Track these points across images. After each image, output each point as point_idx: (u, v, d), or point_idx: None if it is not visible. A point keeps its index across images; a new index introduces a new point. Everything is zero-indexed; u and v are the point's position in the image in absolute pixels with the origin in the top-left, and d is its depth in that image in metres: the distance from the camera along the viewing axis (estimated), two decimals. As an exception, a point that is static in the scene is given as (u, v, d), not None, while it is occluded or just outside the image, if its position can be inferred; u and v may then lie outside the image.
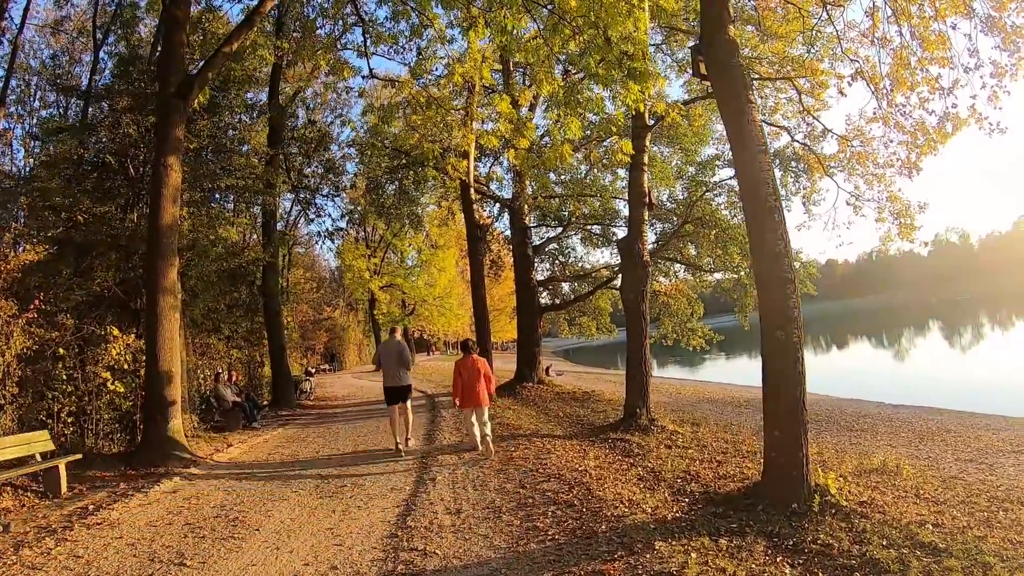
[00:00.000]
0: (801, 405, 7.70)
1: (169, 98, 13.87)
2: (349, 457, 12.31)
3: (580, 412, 17.28)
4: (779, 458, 7.71)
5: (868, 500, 7.59)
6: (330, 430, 16.43)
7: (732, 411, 18.90)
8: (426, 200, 29.88)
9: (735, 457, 10.85)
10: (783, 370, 7.75)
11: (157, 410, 12.80)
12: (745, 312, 23.25)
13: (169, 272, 13.40)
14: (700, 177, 22.08)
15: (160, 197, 13.43)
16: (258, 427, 17.49)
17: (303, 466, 11.71)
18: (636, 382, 13.66)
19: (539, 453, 11.24)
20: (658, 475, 9.47)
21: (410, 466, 10.96)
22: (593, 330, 28.42)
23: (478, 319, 20.61)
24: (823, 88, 15.47)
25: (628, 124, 15.11)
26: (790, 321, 7.77)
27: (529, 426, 14.66)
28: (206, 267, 18.42)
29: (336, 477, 10.41)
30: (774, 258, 7.90)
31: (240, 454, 13.60)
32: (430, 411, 18.43)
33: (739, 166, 8.53)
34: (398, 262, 51.44)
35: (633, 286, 13.90)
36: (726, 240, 21.03)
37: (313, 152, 26.17)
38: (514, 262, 25.17)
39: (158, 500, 9.68)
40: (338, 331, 57.19)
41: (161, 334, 13.02)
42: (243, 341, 23.51)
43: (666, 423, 13.54)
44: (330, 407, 22.91)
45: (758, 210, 8.07)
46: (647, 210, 14.42)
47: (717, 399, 22.26)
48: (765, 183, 8.10)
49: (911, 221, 16.05)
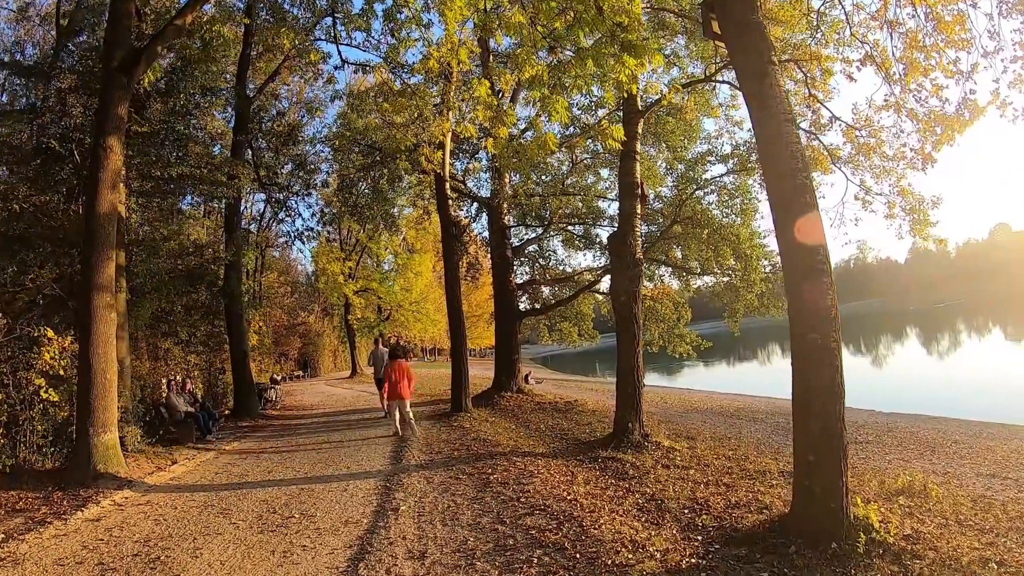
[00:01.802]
0: (840, 423, 6.45)
1: (112, 72, 12.37)
2: (304, 479, 10.78)
3: (563, 425, 15.90)
4: (813, 487, 6.44)
5: (912, 533, 6.41)
6: (289, 445, 14.93)
7: (724, 422, 17.65)
8: (402, 202, 28.71)
9: (743, 479, 9.56)
10: (818, 380, 6.47)
11: (89, 422, 11.23)
12: (736, 318, 22.07)
13: (105, 267, 11.85)
14: (690, 174, 20.76)
15: (97, 182, 11.91)
16: (213, 440, 15.98)
17: (250, 489, 10.20)
18: (628, 394, 12.26)
19: (520, 476, 9.76)
20: (661, 505, 8.06)
21: (370, 491, 9.50)
22: (575, 336, 27.13)
23: (453, 322, 19.14)
24: (828, 75, 14.28)
25: (619, 109, 13.95)
26: (826, 321, 6.48)
27: (508, 442, 13.14)
28: (156, 264, 16.85)
29: (284, 505, 8.93)
30: (806, 246, 6.60)
31: (184, 473, 12.08)
32: (411, 432, 16.95)
33: (762, 139, 7.20)
34: (374, 266, 50.07)
35: (624, 286, 12.52)
36: (718, 240, 19.83)
37: (282, 147, 24.74)
38: (492, 264, 23.96)
39: (76, 530, 8.25)
40: (313, 337, 55.89)
41: (95, 336, 11.48)
42: (202, 346, 21.91)
43: (661, 438, 12.18)
44: (296, 417, 21.37)
45: (785, 189, 6.77)
46: (640, 203, 13.08)
47: (705, 408, 20.99)
48: (793, 157, 6.81)
49: (925, 217, 14.86)
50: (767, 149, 7.06)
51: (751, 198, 20.39)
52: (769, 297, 20.64)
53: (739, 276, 20.27)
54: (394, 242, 44.92)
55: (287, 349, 52.25)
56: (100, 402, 11.35)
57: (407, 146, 16.86)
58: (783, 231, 6.82)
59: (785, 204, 6.77)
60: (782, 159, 6.82)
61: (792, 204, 6.70)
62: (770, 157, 6.99)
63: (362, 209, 24.48)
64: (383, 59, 15.23)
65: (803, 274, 6.64)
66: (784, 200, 6.78)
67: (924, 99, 12.64)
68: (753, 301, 20.62)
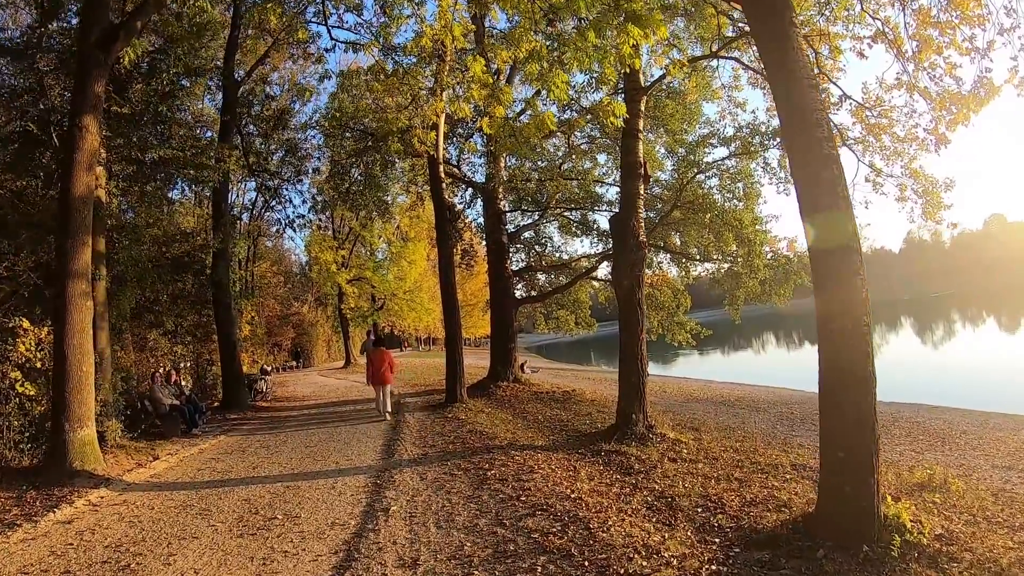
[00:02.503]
0: (873, 416, 5.91)
1: (89, 49, 11.74)
2: (289, 476, 10.16)
3: (562, 415, 15.31)
4: (842, 485, 5.91)
5: (944, 532, 5.93)
6: (277, 438, 14.31)
7: (726, 411, 17.23)
8: (395, 189, 28.13)
9: (755, 473, 9.04)
10: (848, 370, 5.93)
11: (64, 417, 10.65)
12: (737, 305, 21.53)
13: (80, 253, 11.22)
14: (691, 157, 20.15)
15: (73, 164, 11.28)
16: (199, 434, 15.42)
17: (232, 487, 9.60)
18: (631, 383, 11.65)
19: (519, 471, 9.14)
20: (672, 503, 7.47)
21: (360, 488, 8.92)
22: (572, 325, 26.64)
23: (447, 309, 18.49)
24: (837, 53, 13.73)
25: (618, 93, 13.42)
26: (856, 304, 5.93)
27: (505, 435, 12.49)
28: (139, 252, 16.18)
29: (267, 505, 8.33)
30: (833, 221, 6.05)
31: (165, 470, 11.48)
32: (393, 415, 16.40)
33: (785, 108, 6.59)
34: (367, 255, 49.47)
35: (627, 271, 11.91)
36: (720, 225, 19.27)
37: (272, 132, 24.07)
38: (488, 250, 23.40)
39: (46, 534, 7.72)
40: (306, 327, 55.27)
41: (69, 326, 10.87)
42: (189, 336, 21.31)
43: (666, 430, 11.60)
44: (287, 409, 20.75)
45: (812, 161, 6.20)
46: (643, 183, 12.50)
47: (705, 398, 20.58)
48: (819, 125, 6.25)
49: (937, 199, 14.34)
50: (791, 118, 6.47)
51: (753, 182, 19.90)
52: (771, 284, 20.13)
53: (742, 262, 19.70)
54: (388, 230, 44.31)
55: (280, 339, 51.68)
56: (76, 396, 10.77)
57: (399, 128, 16.24)
58: (809, 206, 6.26)
59: (811, 177, 6.21)
60: (808, 128, 6.25)
61: (819, 177, 6.13)
62: (794, 126, 6.41)
63: (354, 196, 23.82)
64: (374, 37, 14.66)
65: (830, 253, 6.08)
66: (810, 173, 6.21)
67: (938, 77, 12.16)
68: (755, 288, 20.09)
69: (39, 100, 14.87)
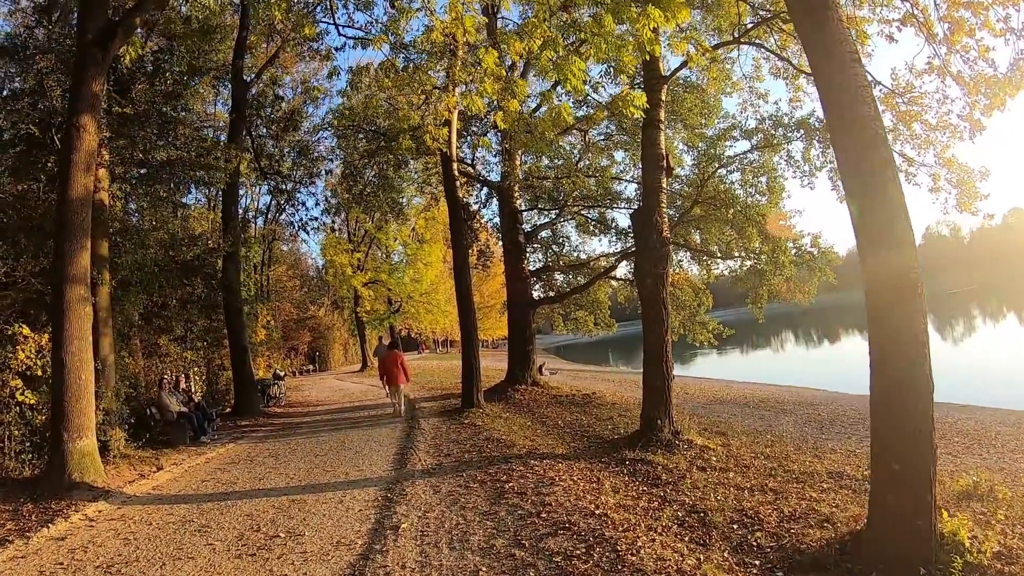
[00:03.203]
0: (930, 424, 5.31)
1: (87, 46, 11.30)
2: (296, 488, 9.62)
3: (583, 420, 14.75)
4: (896, 500, 5.34)
5: (1003, 550, 5.37)
6: (287, 446, 13.79)
7: (751, 414, 16.62)
8: (410, 192, 27.76)
9: (790, 483, 8.46)
10: (904, 372, 5.35)
11: (63, 427, 10.20)
12: (760, 303, 20.86)
13: (79, 257, 10.78)
14: (712, 151, 19.51)
15: (70, 165, 10.85)
16: (207, 441, 14.95)
17: (236, 501, 9.08)
18: (656, 387, 11.07)
19: (539, 484, 8.55)
20: (704, 518, 6.88)
21: (369, 503, 8.36)
22: (591, 325, 26.00)
23: (462, 311, 17.87)
24: (864, 38, 13.09)
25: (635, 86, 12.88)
26: (912, 299, 5.35)
27: (524, 443, 11.90)
28: (144, 255, 15.75)
29: (270, 522, 7.79)
30: (883, 207, 5.46)
31: (168, 481, 10.99)
32: (407, 421, 15.87)
33: (826, 86, 5.99)
34: (383, 258, 49.20)
35: (650, 268, 11.32)
36: (742, 221, 18.63)
37: (282, 133, 23.69)
38: (504, 250, 22.86)
39: (37, 551, 7.27)
40: (323, 330, 55.17)
41: (67, 333, 10.42)
42: (199, 341, 20.85)
43: (692, 436, 11.00)
44: (299, 415, 20.30)
45: (857, 142, 5.63)
46: (665, 176, 11.92)
47: (728, 399, 19.92)
48: (864, 103, 5.67)
49: (972, 189, 13.64)
50: (833, 96, 5.88)
51: (776, 176, 19.23)
52: (796, 281, 19.51)
53: (767, 259, 19.03)
54: (403, 232, 44.17)
55: (297, 343, 51.56)
56: (75, 405, 10.32)
57: (411, 125, 15.75)
58: (856, 191, 5.68)
59: (856, 159, 5.63)
60: (853, 107, 5.67)
61: (865, 158, 5.55)
62: (837, 105, 5.82)
63: (368, 197, 23.46)
64: (383, 32, 14.21)
65: (881, 243, 5.49)
66: (856, 155, 5.63)
67: (972, 60, 11.56)
68: (780, 285, 19.44)
69: (39, 102, 14.49)
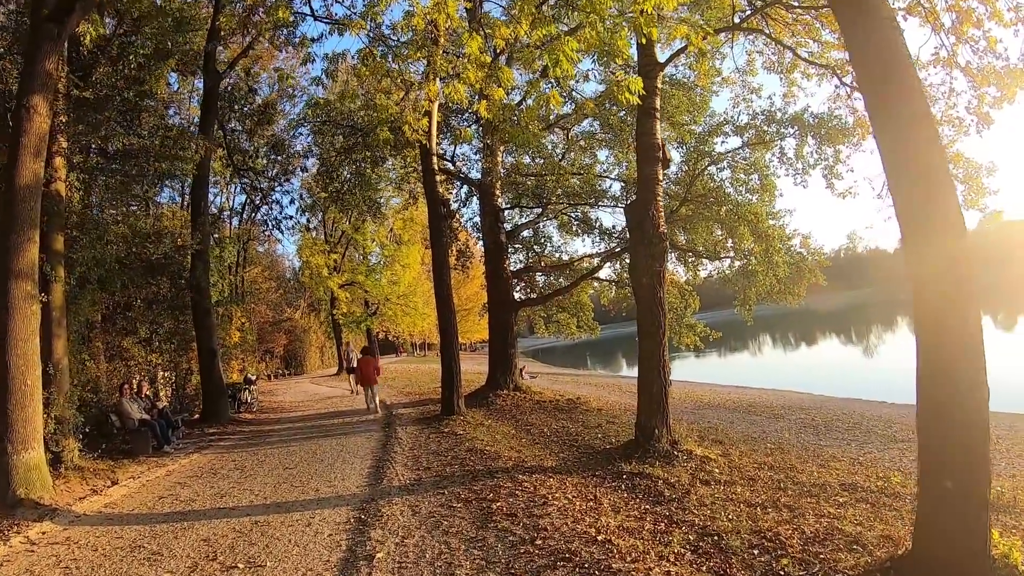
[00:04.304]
0: (987, 436, 4.65)
1: (40, 21, 10.42)
2: (261, 507, 8.72)
3: (570, 428, 13.96)
4: (948, 521, 4.67)
5: None
6: (255, 457, 12.83)
7: (743, 419, 16.11)
8: (388, 192, 27.03)
9: (803, 497, 7.82)
10: (960, 379, 4.68)
11: (7, 439, 9.26)
12: (749, 305, 20.28)
13: (27, 250, 9.86)
14: (703, 148, 18.87)
15: (19, 148, 9.92)
16: (171, 451, 13.99)
17: (193, 522, 8.12)
18: (652, 394, 10.30)
19: (530, 503, 7.68)
20: (720, 543, 6.10)
21: (340, 526, 7.44)
22: (573, 328, 25.37)
23: (442, 313, 16.98)
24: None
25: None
26: (966, 295, 4.66)
27: (509, 454, 11.04)
28: (103, 251, 14.75)
29: (229, 548, 6.87)
30: (932, 190, 4.79)
31: (123, 497, 10.03)
32: (384, 429, 14.98)
33: (860, 59, 5.37)
34: (360, 259, 48.21)
35: (647, 265, 10.58)
36: (734, 220, 18.00)
37: (256, 127, 22.74)
38: (485, 250, 22.10)
39: (-35, 582, 6.33)
40: (299, 333, 54.10)
41: (12, 334, 9.48)
42: (164, 344, 19.80)
43: (691, 445, 10.27)
44: (271, 421, 19.31)
45: (901, 115, 4.96)
46: (661, 167, 11.21)
47: (716, 404, 19.43)
48: (905, 68, 4.98)
49: (980, 185, 13.11)
50: (866, 62, 5.19)
51: (769, 174, 18.64)
52: (786, 282, 18.94)
53: (759, 259, 18.42)
54: (380, 233, 43.43)
55: (272, 346, 50.47)
56: (19, 413, 9.38)
57: (389, 114, 14.93)
58: (900, 172, 4.99)
59: (901, 138, 4.94)
60: (889, 72, 4.99)
61: (910, 135, 4.88)
62: (869, 71, 5.14)
63: (344, 196, 22.63)
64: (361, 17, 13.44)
65: (932, 231, 4.81)
66: (900, 132, 4.95)
67: (981, 51, 11.03)
68: (773, 286, 18.83)
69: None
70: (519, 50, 15.39)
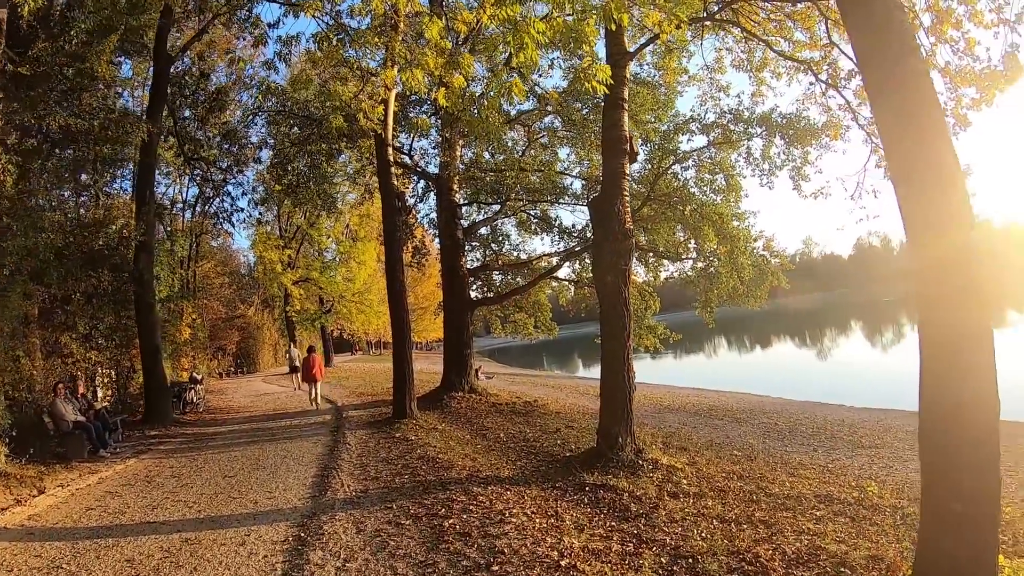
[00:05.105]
0: (998, 452, 4.30)
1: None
2: (193, 521, 7.98)
3: (527, 433, 13.39)
4: (955, 545, 4.31)
5: None
6: (195, 463, 12.02)
7: (705, 424, 15.83)
8: (344, 188, 26.30)
9: (779, 511, 7.43)
10: (969, 391, 4.28)
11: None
12: (710, 307, 19.91)
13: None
14: (668, 146, 18.42)
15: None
16: (107, 456, 13.13)
17: (119, 539, 7.35)
18: (616, 399, 9.76)
19: (486, 520, 7.03)
20: (695, 566, 5.53)
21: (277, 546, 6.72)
22: (530, 328, 24.70)
23: (394, 310, 16.16)
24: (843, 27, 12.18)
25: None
26: (976, 296, 4.29)
27: (464, 462, 10.37)
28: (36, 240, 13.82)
29: (153, 571, 6.10)
30: (939, 180, 4.40)
31: (49, 508, 9.18)
32: (332, 433, 14.24)
33: (861, 45, 4.92)
34: (315, 255, 47.36)
35: (611, 263, 10.02)
36: (698, 220, 17.58)
37: (208, 115, 21.87)
38: (441, 247, 21.57)
39: None
40: (252, 330, 52.65)
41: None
42: (105, 340, 18.77)
43: (656, 453, 9.77)
44: (216, 423, 18.37)
45: (899, 108, 4.53)
46: (628, 160, 10.69)
47: (676, 407, 19.11)
48: (912, 51, 4.57)
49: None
50: (873, 55, 4.74)
51: (734, 175, 18.28)
52: (750, 285, 18.62)
53: (724, 260, 18.04)
54: (336, 229, 42.78)
55: (225, 343, 49.01)
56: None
57: (344, 100, 14.23)
58: (903, 160, 4.55)
59: (905, 123, 4.53)
60: (901, 61, 4.54)
61: (914, 123, 4.44)
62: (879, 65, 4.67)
63: (298, 188, 21.84)
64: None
65: (938, 225, 4.42)
66: (904, 118, 4.52)
67: (961, 51, 10.83)
68: (736, 288, 18.47)
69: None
70: (482, 40, 14.84)
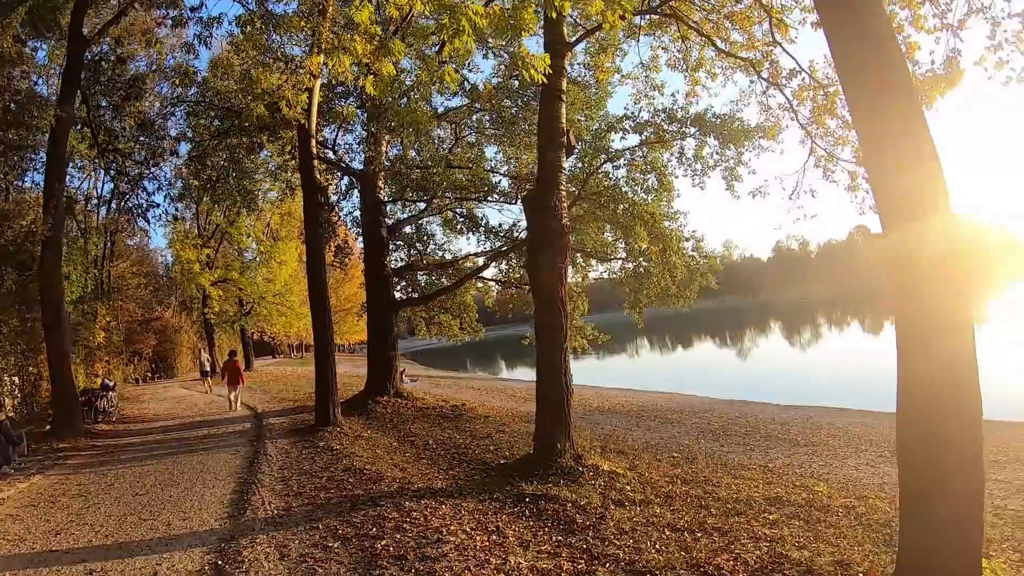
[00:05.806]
0: (981, 452, 4.18)
1: None
2: (98, 549, 7.13)
3: (458, 439, 12.92)
4: (938, 549, 4.22)
5: None
6: (103, 480, 11.01)
7: (637, 425, 15.78)
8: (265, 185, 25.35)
9: (731, 516, 7.21)
10: (950, 391, 4.18)
11: None
12: (639, 308, 19.80)
13: None
14: (599, 144, 18.15)
15: None
16: (10, 472, 11.99)
17: (17, 571, 6.55)
18: (553, 403, 9.37)
19: (422, 540, 6.46)
20: (653, 584, 5.20)
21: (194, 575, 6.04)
22: (456, 330, 24.16)
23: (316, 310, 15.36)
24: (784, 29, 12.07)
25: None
26: (957, 286, 4.30)
27: (393, 473, 9.80)
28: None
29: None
30: (915, 165, 4.29)
31: (-61, 534, 8.23)
32: (252, 443, 13.43)
33: (833, 15, 4.61)
34: (234, 255, 45.86)
35: (547, 261, 9.60)
36: (630, 220, 17.36)
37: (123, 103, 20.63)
38: (365, 246, 21.02)
39: None
40: (170, 333, 50.56)
41: None
42: (9, 345, 17.49)
43: (596, 459, 9.44)
44: (131, 433, 17.16)
45: (878, 89, 4.36)
46: (565, 153, 10.30)
47: (605, 408, 19.25)
48: (887, 38, 4.40)
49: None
50: (847, 41, 4.51)
51: (667, 174, 18.13)
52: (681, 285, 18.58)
53: (656, 260, 17.89)
54: (257, 228, 41.64)
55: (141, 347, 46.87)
56: None
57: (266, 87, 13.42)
58: (877, 146, 4.34)
59: (880, 108, 4.42)
60: (876, 48, 4.31)
61: (891, 107, 4.34)
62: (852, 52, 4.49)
63: (217, 184, 20.89)
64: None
65: (914, 211, 4.33)
66: (880, 104, 4.41)
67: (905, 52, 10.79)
68: (667, 288, 18.37)
69: None
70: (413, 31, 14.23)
